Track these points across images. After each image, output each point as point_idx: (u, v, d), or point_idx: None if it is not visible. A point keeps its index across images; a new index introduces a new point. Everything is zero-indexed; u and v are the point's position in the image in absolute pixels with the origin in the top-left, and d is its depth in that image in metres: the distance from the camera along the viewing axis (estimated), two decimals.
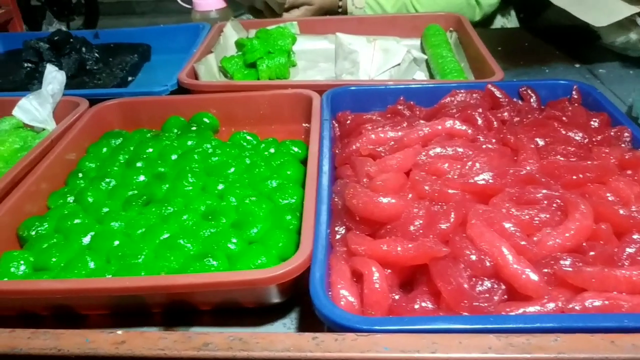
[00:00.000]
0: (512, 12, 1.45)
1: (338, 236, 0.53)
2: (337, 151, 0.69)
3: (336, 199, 0.57)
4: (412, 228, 0.50)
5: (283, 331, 0.51)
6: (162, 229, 0.60)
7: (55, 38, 1.01)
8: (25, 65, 0.99)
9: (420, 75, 0.97)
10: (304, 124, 0.84)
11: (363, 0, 1.15)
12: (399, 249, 0.48)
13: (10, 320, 0.54)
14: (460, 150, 0.60)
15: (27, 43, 1.00)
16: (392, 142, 0.65)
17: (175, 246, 0.57)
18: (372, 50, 0.91)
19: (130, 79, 1.06)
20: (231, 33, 1.13)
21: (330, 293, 0.46)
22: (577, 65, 1.05)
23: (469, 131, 0.64)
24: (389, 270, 0.48)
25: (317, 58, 1.11)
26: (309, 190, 0.59)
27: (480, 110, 0.68)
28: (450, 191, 0.53)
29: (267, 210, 0.63)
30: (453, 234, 0.49)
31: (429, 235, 0.49)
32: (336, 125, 0.76)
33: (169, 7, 5.02)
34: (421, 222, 0.50)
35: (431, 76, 0.97)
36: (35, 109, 0.80)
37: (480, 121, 0.67)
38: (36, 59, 0.99)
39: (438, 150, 0.59)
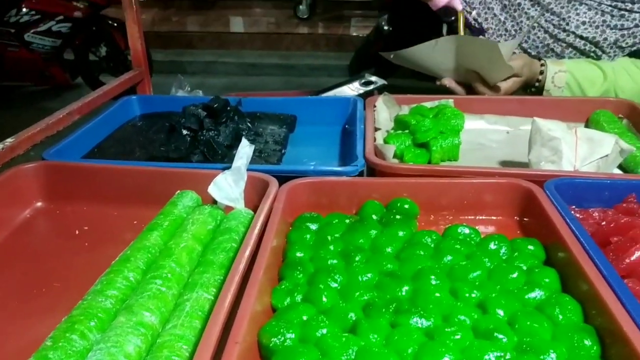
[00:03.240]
0: None
1: None
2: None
3: None
4: None
5: None
6: (438, 350, 0.50)
7: (215, 105, 0.95)
8: (184, 132, 0.92)
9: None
10: (515, 217, 0.76)
11: (564, 80, 1.08)
12: None
13: None
14: None
15: (188, 109, 0.94)
16: None
17: None
18: (575, 138, 0.83)
19: (283, 152, 0.99)
20: (382, 107, 1.06)
21: None
22: None
23: None
24: None
25: (478, 139, 1.04)
26: (616, 309, 0.50)
27: None
28: None
29: (549, 329, 0.53)
30: None
31: None
32: None
33: (218, 68, 5.12)
34: None
35: (621, 169, 0.89)
36: (230, 186, 0.72)
37: None
38: (196, 127, 0.92)
39: None
